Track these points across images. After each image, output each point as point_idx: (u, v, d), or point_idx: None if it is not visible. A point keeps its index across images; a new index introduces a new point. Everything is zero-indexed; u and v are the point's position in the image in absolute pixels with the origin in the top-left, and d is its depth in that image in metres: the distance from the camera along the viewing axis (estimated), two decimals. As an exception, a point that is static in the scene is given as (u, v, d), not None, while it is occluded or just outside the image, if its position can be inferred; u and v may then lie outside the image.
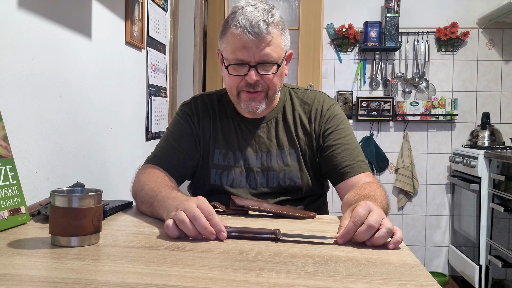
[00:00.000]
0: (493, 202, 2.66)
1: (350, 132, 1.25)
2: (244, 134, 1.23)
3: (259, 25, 1.07)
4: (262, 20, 1.08)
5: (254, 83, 1.11)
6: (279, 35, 1.12)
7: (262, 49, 1.09)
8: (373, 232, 0.81)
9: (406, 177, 3.29)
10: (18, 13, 1.08)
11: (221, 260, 0.72)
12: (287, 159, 1.21)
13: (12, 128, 1.05)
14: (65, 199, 0.78)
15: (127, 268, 0.67)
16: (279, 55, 1.13)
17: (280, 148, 1.22)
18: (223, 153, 1.22)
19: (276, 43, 1.11)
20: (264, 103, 1.16)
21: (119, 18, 1.70)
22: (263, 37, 1.08)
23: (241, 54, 1.09)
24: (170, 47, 2.36)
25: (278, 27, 1.12)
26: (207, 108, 1.26)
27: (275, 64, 1.12)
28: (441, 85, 3.35)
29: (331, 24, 3.32)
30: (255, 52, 1.09)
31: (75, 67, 1.37)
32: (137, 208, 1.12)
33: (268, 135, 1.23)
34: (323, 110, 1.24)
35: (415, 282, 0.65)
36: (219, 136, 1.23)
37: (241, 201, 1.10)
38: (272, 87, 1.15)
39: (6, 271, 0.65)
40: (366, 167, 1.20)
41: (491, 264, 2.68)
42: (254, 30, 1.07)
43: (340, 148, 1.20)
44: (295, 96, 1.27)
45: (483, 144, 3.08)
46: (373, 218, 0.81)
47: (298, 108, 1.25)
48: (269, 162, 1.21)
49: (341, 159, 1.19)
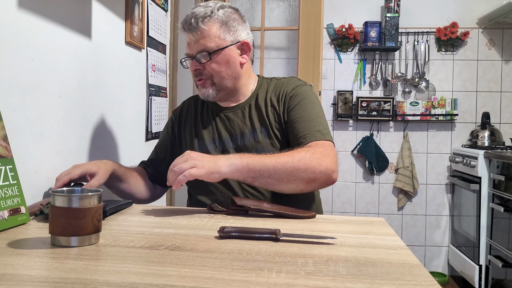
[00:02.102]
0: (493, 202, 2.66)
1: (313, 107, 1.29)
2: (222, 121, 1.35)
3: (191, 22, 1.24)
4: (193, 17, 1.24)
5: (195, 72, 1.28)
6: (216, 27, 1.25)
7: (196, 42, 1.25)
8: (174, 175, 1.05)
9: (406, 177, 3.29)
10: (18, 13, 1.08)
11: (221, 260, 0.72)
12: (258, 137, 1.29)
13: (12, 128, 1.05)
14: (65, 199, 0.78)
15: (127, 268, 0.67)
16: (216, 44, 1.25)
17: (252, 128, 1.31)
18: (203, 142, 1.35)
19: (211, 35, 1.25)
20: (212, 89, 1.29)
21: (119, 18, 1.70)
22: (195, 31, 1.24)
23: (186, 49, 1.28)
24: (170, 47, 2.35)
25: (215, 21, 1.25)
26: (191, 109, 1.43)
27: (211, 53, 1.25)
28: (441, 85, 3.35)
29: (331, 24, 3.32)
30: (193, 45, 1.26)
31: (75, 67, 1.37)
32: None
33: (243, 119, 1.33)
34: (288, 90, 1.32)
35: (415, 282, 0.65)
36: (199, 129, 1.37)
37: (241, 201, 1.10)
38: (215, 74, 1.27)
39: (6, 271, 0.65)
40: (319, 136, 1.22)
41: (491, 264, 2.69)
42: (187, 27, 1.25)
43: (298, 121, 1.25)
44: (271, 84, 1.37)
45: (483, 144, 3.08)
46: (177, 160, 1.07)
47: (270, 92, 1.34)
48: (242, 142, 1.30)
49: (297, 132, 1.24)
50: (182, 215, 1.08)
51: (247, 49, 1.32)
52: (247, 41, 1.31)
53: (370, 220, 1.07)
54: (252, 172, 1.10)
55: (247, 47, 1.31)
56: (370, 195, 3.39)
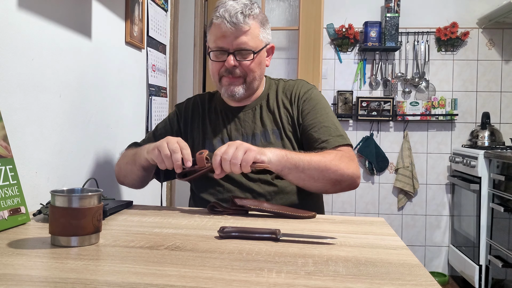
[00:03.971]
0: (493, 202, 2.66)
1: (327, 111, 1.31)
2: (231, 121, 1.33)
3: (237, 16, 1.19)
4: (240, 12, 1.20)
5: (231, 68, 1.23)
6: (257, 26, 1.24)
7: (238, 38, 1.21)
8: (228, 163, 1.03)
9: (406, 177, 3.29)
10: (18, 13, 1.08)
11: (221, 260, 0.72)
12: (270, 137, 1.28)
13: (12, 128, 1.05)
14: (65, 199, 0.78)
15: (127, 268, 0.67)
16: (256, 44, 1.24)
17: (263, 129, 1.30)
18: (212, 141, 1.32)
19: (254, 34, 1.23)
20: (242, 88, 1.26)
21: (119, 18, 1.70)
22: (240, 26, 1.20)
23: (221, 42, 1.22)
24: (170, 47, 2.35)
25: (256, 20, 1.24)
26: (198, 108, 1.40)
27: (252, 52, 1.23)
28: (441, 85, 3.35)
29: (331, 24, 3.32)
30: (232, 40, 1.21)
31: (75, 67, 1.37)
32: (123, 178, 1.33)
33: (253, 119, 1.32)
34: (300, 93, 1.32)
35: (415, 282, 0.65)
36: (208, 129, 1.35)
37: (241, 201, 1.10)
38: (250, 73, 1.25)
39: (6, 271, 0.65)
40: (342, 140, 1.24)
41: (491, 264, 2.69)
42: (232, 20, 1.19)
43: (317, 126, 1.26)
44: (279, 85, 1.37)
45: (483, 144, 3.08)
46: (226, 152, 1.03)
47: (280, 94, 1.35)
48: (254, 142, 1.28)
49: (317, 137, 1.25)
50: (182, 215, 1.08)
51: (271, 53, 1.34)
52: (273, 45, 1.34)
53: (370, 220, 1.07)
54: (289, 163, 1.11)
55: (271, 50, 1.34)
56: (370, 195, 3.39)
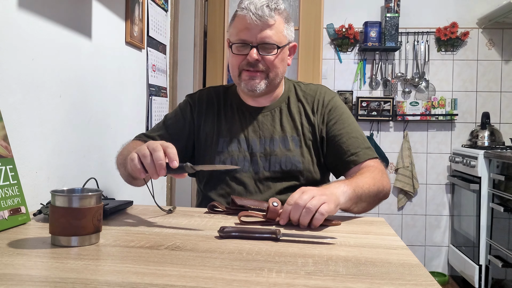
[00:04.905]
0: (493, 202, 2.66)
1: (353, 121, 1.29)
2: (248, 122, 1.28)
3: (263, 9, 1.15)
4: (266, 5, 1.15)
5: (254, 62, 1.18)
6: (282, 22, 1.19)
7: (263, 31, 1.16)
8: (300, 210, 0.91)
9: (406, 177, 3.29)
10: (18, 13, 1.08)
11: (221, 260, 0.72)
12: (289, 144, 1.24)
13: (12, 128, 1.05)
14: (65, 199, 0.78)
15: (127, 268, 0.67)
16: (280, 40, 1.19)
17: (283, 134, 1.26)
18: (227, 141, 1.26)
19: (278, 29, 1.18)
20: (264, 84, 1.21)
21: (119, 18, 1.70)
22: (266, 19, 1.15)
23: (244, 35, 1.17)
24: (170, 47, 2.35)
25: (281, 15, 1.19)
26: (212, 101, 1.32)
27: (276, 47, 1.18)
28: (441, 85, 3.35)
29: (331, 24, 3.32)
30: (257, 33, 1.16)
31: (75, 67, 1.37)
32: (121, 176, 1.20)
33: (272, 122, 1.27)
34: (324, 101, 1.28)
35: (415, 282, 0.65)
36: (223, 126, 1.28)
37: (241, 201, 1.10)
38: (273, 68, 1.20)
39: (6, 271, 0.65)
40: (372, 153, 1.23)
41: (491, 264, 2.68)
42: (257, 12, 1.14)
43: (345, 137, 1.23)
44: (299, 89, 1.32)
45: (483, 144, 3.08)
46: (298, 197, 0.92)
47: (302, 99, 1.30)
48: (272, 147, 1.24)
49: (346, 148, 1.22)
50: (182, 215, 1.08)
51: (293, 52, 1.29)
52: (296, 44, 1.28)
53: (370, 220, 1.07)
54: (356, 198, 1.05)
55: (293, 49, 1.28)
56: (370, 195, 3.39)
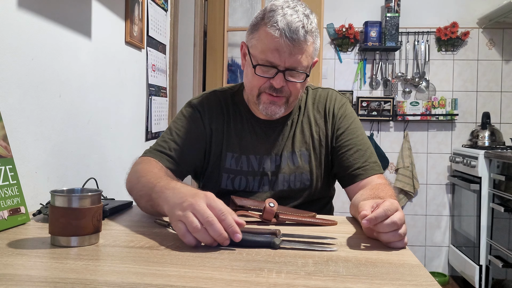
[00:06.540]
0: (493, 202, 2.66)
1: (362, 131, 1.23)
2: (259, 137, 1.20)
3: (298, 31, 1.02)
4: (302, 26, 1.03)
5: (279, 88, 1.08)
6: (312, 43, 1.07)
7: (294, 56, 1.04)
8: (393, 229, 0.80)
9: (406, 177, 3.29)
10: (18, 13, 1.08)
11: (221, 260, 0.72)
12: (297, 161, 1.19)
13: (12, 128, 1.05)
14: (65, 199, 0.78)
15: (127, 268, 0.67)
16: (308, 63, 1.09)
17: (292, 150, 1.19)
18: (236, 157, 1.19)
19: (308, 52, 1.07)
20: (283, 109, 1.13)
21: (119, 18, 1.70)
22: (299, 44, 1.03)
23: (272, 57, 1.05)
24: (170, 47, 2.35)
25: (313, 36, 1.07)
26: (221, 108, 1.22)
27: (304, 73, 1.08)
28: (441, 85, 3.34)
29: (331, 24, 3.32)
30: (287, 58, 1.04)
31: (75, 67, 1.37)
32: (137, 205, 1.06)
33: (283, 137, 1.20)
34: (335, 108, 1.22)
35: (415, 282, 0.65)
36: (232, 139, 1.19)
37: (241, 201, 1.10)
38: (295, 94, 1.11)
39: (6, 271, 0.65)
40: (378, 169, 1.19)
41: (491, 264, 2.68)
42: (292, 36, 1.02)
43: (352, 149, 1.18)
44: (309, 97, 1.25)
45: (483, 144, 3.08)
46: (398, 217, 0.80)
47: (312, 107, 1.23)
48: (280, 164, 1.19)
49: (353, 161, 1.17)
50: (182, 215, 1.08)
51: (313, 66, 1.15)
52: (317, 60, 1.15)
53: (370, 220, 1.07)
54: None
55: (313, 65, 1.14)
56: (370, 195, 3.38)
